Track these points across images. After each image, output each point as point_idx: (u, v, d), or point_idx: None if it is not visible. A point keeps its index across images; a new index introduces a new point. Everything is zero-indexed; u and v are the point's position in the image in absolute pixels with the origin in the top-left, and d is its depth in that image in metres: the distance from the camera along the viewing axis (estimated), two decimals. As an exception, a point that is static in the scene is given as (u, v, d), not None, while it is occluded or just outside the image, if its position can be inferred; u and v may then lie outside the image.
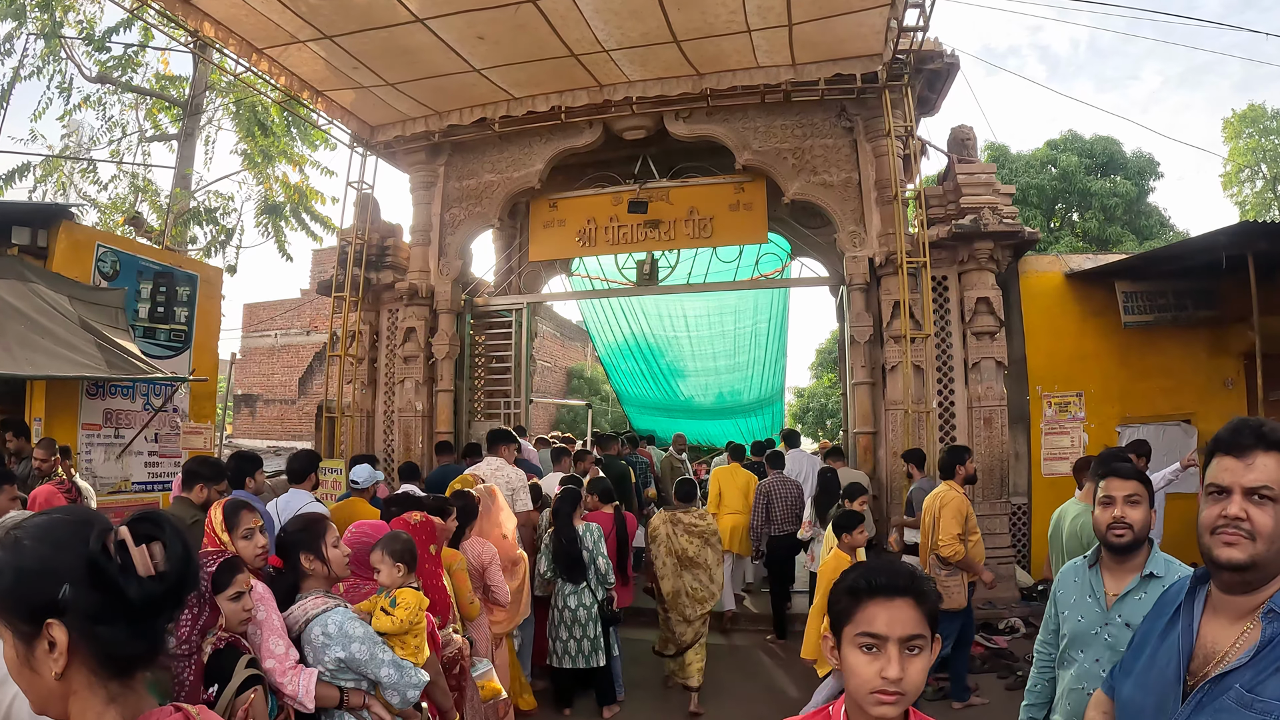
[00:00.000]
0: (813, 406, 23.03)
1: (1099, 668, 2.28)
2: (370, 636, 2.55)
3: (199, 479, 3.89)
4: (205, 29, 6.70)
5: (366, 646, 2.50)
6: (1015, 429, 7.70)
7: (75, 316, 6.27)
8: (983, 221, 7.22)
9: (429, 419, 8.84)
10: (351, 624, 2.50)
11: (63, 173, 11.81)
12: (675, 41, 6.99)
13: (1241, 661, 1.30)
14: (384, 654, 2.55)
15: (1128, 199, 16.35)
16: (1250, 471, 1.36)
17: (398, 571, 2.90)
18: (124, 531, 1.02)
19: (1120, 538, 2.31)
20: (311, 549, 2.62)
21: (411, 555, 2.96)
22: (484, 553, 4.39)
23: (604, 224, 8.97)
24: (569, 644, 5.15)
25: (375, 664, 2.51)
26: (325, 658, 2.45)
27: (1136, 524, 2.31)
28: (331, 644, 2.45)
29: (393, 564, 2.89)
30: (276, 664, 2.34)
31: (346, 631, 2.47)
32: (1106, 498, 2.37)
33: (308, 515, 2.85)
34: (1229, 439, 1.42)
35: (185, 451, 7.70)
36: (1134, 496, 2.34)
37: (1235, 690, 1.28)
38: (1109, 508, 2.35)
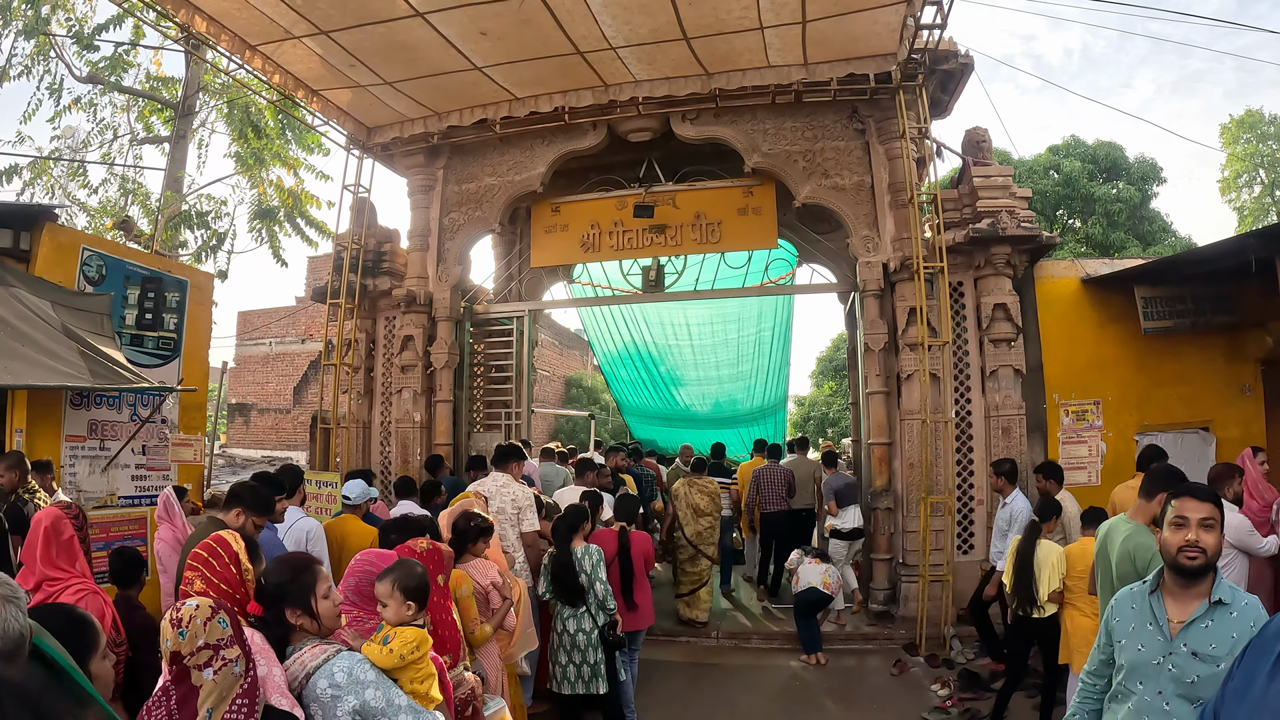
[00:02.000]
0: (814, 415, 22.80)
1: (1161, 700, 2.16)
2: (384, 681, 2.28)
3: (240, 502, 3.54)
4: (196, 24, 6.44)
5: (381, 692, 2.23)
6: (1032, 438, 7.49)
7: (58, 323, 5.98)
8: (1000, 225, 7.03)
9: (427, 430, 8.56)
10: (361, 668, 2.22)
11: (51, 175, 11.52)
12: (685, 39, 6.78)
13: None
14: (400, 699, 2.28)
15: (1131, 204, 16.23)
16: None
17: (407, 611, 2.60)
18: None
19: (1193, 560, 2.21)
20: (299, 603, 2.30)
21: (424, 593, 2.66)
22: (488, 574, 4.13)
23: (608, 229, 8.73)
24: (568, 669, 4.91)
25: (392, 710, 2.23)
26: (338, 711, 2.15)
27: (1210, 549, 2.22)
28: (343, 695, 2.17)
29: (403, 601, 2.59)
30: None
31: (357, 678, 2.20)
32: (1180, 519, 2.27)
33: (295, 560, 2.45)
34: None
35: (174, 464, 7.40)
36: (1209, 520, 2.25)
37: None
38: (1182, 529, 2.25)
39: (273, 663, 2.16)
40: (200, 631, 1.93)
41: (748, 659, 6.91)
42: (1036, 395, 7.64)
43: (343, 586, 2.71)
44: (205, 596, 2.22)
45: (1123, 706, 2.27)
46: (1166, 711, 2.14)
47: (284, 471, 4.82)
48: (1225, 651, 2.08)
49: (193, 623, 1.93)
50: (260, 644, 2.18)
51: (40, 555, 3.15)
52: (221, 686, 1.90)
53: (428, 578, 2.72)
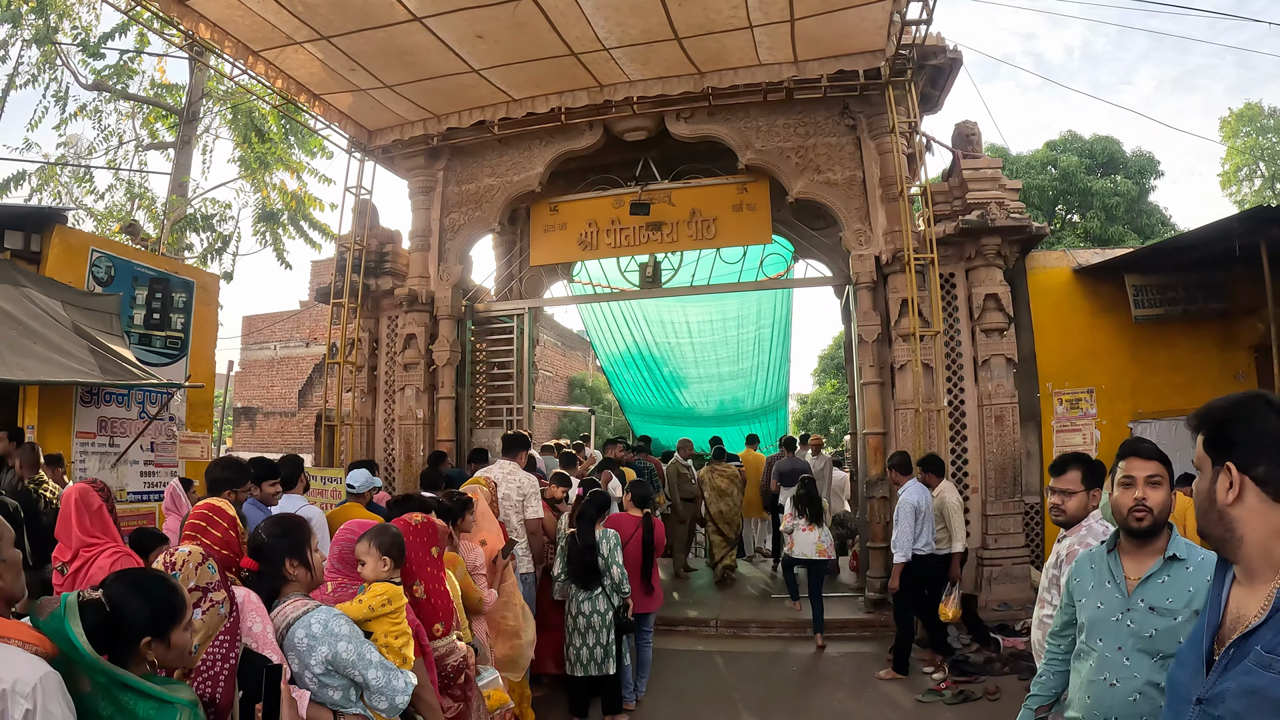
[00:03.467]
0: (816, 413, 22.88)
1: (1121, 656, 2.20)
2: (357, 635, 2.43)
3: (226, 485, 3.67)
4: (200, 30, 6.62)
5: (354, 645, 2.38)
6: (1026, 428, 7.58)
7: (68, 322, 6.15)
8: (990, 216, 7.13)
9: (430, 427, 8.70)
10: (336, 622, 2.37)
11: (58, 181, 11.73)
12: (676, 39, 6.91)
13: (1259, 623, 1.27)
14: (372, 654, 2.42)
15: (1129, 198, 16.28)
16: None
17: (383, 566, 2.75)
18: None
19: (1141, 522, 2.24)
20: (297, 554, 2.49)
21: (400, 551, 2.81)
22: (471, 557, 4.24)
23: (605, 227, 8.87)
24: (582, 651, 5.04)
25: (363, 664, 2.38)
26: (311, 660, 2.32)
27: (1157, 506, 2.24)
28: (317, 644, 2.32)
29: (379, 557, 2.74)
30: None
31: (332, 630, 2.35)
32: (1127, 478, 2.28)
33: (286, 518, 2.65)
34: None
35: (182, 461, 7.56)
36: (1155, 477, 2.26)
37: (1255, 652, 1.25)
38: (1129, 489, 2.27)
39: (266, 621, 2.30)
40: (191, 575, 2.12)
41: (746, 645, 7.00)
42: (1030, 385, 7.73)
43: (329, 555, 2.86)
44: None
45: (1085, 664, 2.31)
46: (1127, 666, 2.18)
47: (284, 461, 4.96)
48: (1182, 605, 2.12)
49: (185, 567, 2.13)
50: (256, 602, 2.32)
51: (76, 524, 3.32)
52: (209, 625, 2.07)
53: (404, 539, 2.87)
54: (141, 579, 1.89)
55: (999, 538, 7.17)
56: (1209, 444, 1.44)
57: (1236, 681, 1.24)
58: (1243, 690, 1.23)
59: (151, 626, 1.77)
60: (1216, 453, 1.42)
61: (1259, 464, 1.35)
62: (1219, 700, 1.27)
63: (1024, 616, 6.81)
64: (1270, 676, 1.19)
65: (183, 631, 1.85)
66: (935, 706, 5.41)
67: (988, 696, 5.54)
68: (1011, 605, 6.95)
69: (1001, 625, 6.75)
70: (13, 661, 1.54)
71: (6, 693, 1.49)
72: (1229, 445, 1.40)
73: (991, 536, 7.19)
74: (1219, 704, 1.27)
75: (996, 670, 5.98)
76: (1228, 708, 1.25)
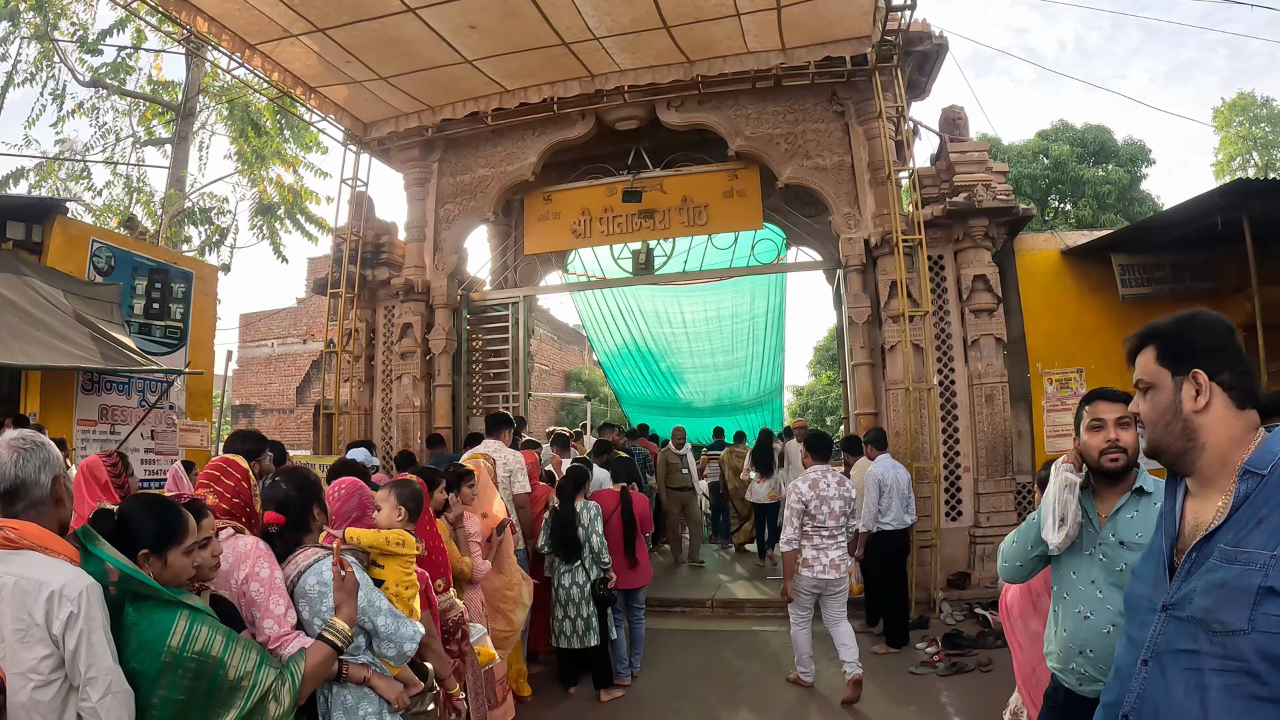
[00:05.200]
0: (812, 404, 22.99)
1: (1094, 589, 2.26)
2: (367, 583, 2.47)
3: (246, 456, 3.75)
4: (198, 24, 6.72)
5: (364, 592, 2.42)
6: (1017, 407, 7.68)
7: (70, 310, 6.25)
8: (976, 198, 7.23)
9: (427, 414, 8.80)
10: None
11: (57, 178, 11.83)
12: (665, 27, 7.01)
13: (1220, 523, 1.34)
14: (381, 601, 2.46)
15: (1120, 186, 16.38)
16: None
17: (398, 515, 2.84)
18: None
19: (1115, 462, 2.27)
20: (319, 502, 2.58)
21: (417, 505, 2.90)
22: (469, 526, 4.33)
23: (598, 215, 8.98)
24: (564, 623, 5.15)
25: (372, 610, 2.41)
26: (322, 607, 2.35)
27: (1130, 446, 2.27)
28: (329, 591, 2.35)
29: (395, 505, 2.83)
30: (275, 624, 2.25)
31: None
32: (1097, 421, 2.31)
33: (297, 471, 2.68)
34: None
35: (181, 449, 7.65)
36: (1124, 419, 2.28)
37: (1219, 549, 1.31)
38: (1099, 431, 2.29)
39: (275, 567, 2.37)
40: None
41: (741, 625, 7.11)
42: (1020, 365, 7.83)
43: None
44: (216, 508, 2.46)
45: (1060, 598, 2.38)
46: (1100, 599, 2.24)
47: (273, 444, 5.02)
48: (1150, 538, 2.23)
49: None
50: (264, 549, 2.39)
51: (87, 494, 3.43)
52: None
53: (423, 495, 2.95)
54: (153, 500, 2.06)
55: (991, 516, 7.27)
56: (1165, 357, 1.48)
57: (1204, 579, 1.30)
58: (1211, 586, 1.28)
59: (152, 541, 1.92)
60: (1176, 364, 1.46)
61: (1223, 371, 1.41)
62: (1185, 602, 1.33)
63: (1016, 592, 6.92)
64: (1237, 569, 1.25)
65: (181, 555, 1.97)
66: (928, 678, 5.49)
67: (980, 668, 5.62)
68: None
69: (995, 602, 6.83)
70: (61, 570, 1.74)
71: (55, 594, 1.69)
72: (1191, 354, 1.44)
73: (984, 514, 7.29)
74: (1186, 605, 1.32)
75: (989, 644, 6.05)
76: (1197, 605, 1.30)
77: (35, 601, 1.69)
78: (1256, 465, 1.35)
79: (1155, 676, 1.36)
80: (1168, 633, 1.36)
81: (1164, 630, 1.37)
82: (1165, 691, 1.33)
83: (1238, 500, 1.33)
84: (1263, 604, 1.21)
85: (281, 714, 1.94)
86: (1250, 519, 1.30)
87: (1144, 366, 1.51)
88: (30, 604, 1.69)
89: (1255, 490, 1.33)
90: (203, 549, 2.09)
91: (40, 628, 1.69)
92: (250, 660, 1.92)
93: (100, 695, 1.70)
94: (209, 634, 1.88)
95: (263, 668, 1.94)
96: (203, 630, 1.87)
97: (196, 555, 2.05)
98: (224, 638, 1.90)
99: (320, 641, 2.18)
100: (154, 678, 1.81)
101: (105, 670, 1.72)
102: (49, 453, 1.87)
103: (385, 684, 2.44)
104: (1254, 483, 1.34)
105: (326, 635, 2.20)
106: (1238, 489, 1.35)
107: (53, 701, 1.70)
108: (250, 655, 1.93)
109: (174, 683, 1.82)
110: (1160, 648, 1.37)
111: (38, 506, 1.83)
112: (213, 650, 1.86)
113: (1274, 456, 1.34)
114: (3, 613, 1.70)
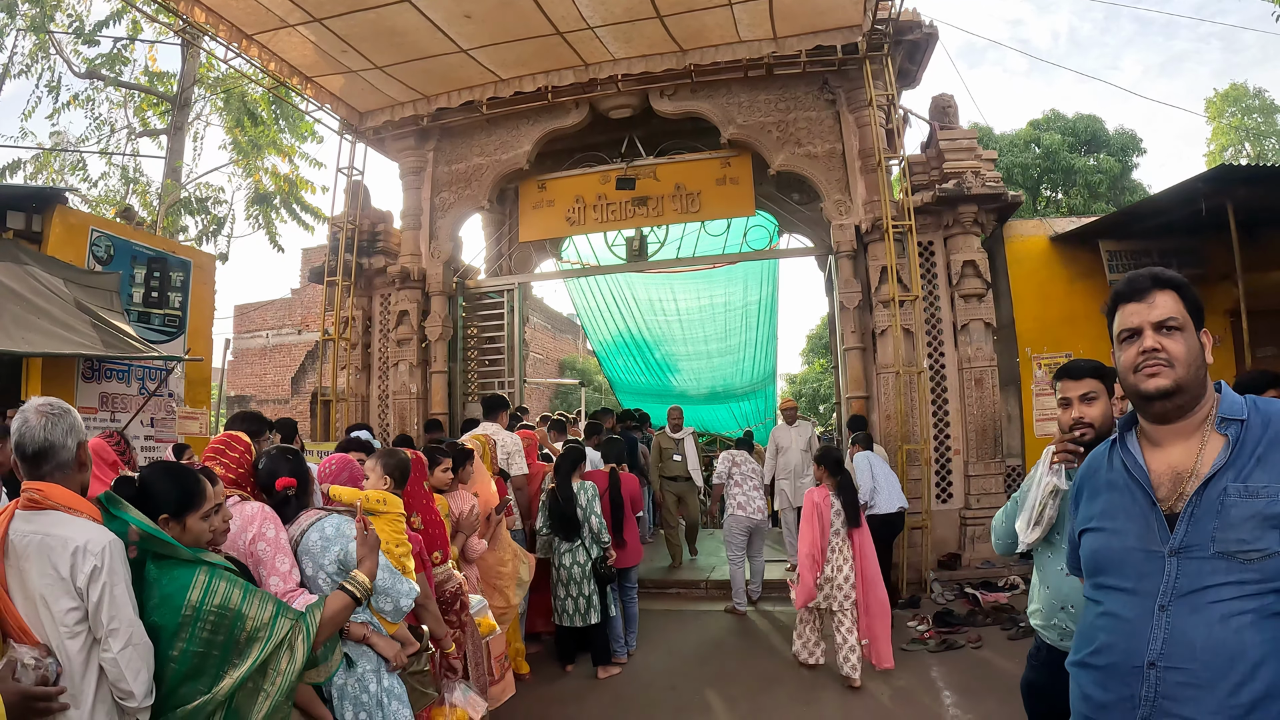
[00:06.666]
0: (805, 392, 23.12)
1: None
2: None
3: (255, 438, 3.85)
4: (196, 15, 6.77)
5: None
6: (1006, 391, 7.80)
7: (71, 299, 6.30)
8: (966, 185, 7.33)
9: (424, 400, 8.90)
10: (346, 525, 2.54)
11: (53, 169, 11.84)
12: (658, 16, 7.08)
13: (1220, 466, 1.44)
14: (380, 558, 2.57)
15: (1112, 175, 16.48)
16: (1154, 310, 1.54)
17: (383, 484, 2.95)
18: None
19: (1084, 437, 2.34)
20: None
21: (402, 473, 3.01)
22: (462, 506, 4.42)
23: (592, 202, 9.07)
24: (566, 602, 5.23)
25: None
26: (325, 560, 2.48)
27: (1096, 420, 2.34)
28: (330, 544, 2.49)
29: (381, 475, 2.94)
30: (280, 581, 2.36)
31: (344, 531, 2.53)
32: (1064, 400, 2.41)
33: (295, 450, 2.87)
34: (1127, 288, 1.60)
35: (180, 436, 7.72)
36: (1090, 394, 2.37)
37: (1232, 487, 1.41)
38: (1067, 409, 2.39)
39: (279, 528, 2.49)
40: None
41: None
42: (1010, 350, 7.95)
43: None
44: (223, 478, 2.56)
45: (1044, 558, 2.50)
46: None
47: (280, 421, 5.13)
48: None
49: None
50: (270, 513, 2.51)
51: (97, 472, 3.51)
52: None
53: (409, 464, 3.06)
54: (173, 467, 2.18)
55: (980, 498, 7.41)
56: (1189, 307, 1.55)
57: (1229, 516, 1.39)
58: (1241, 519, 1.38)
59: (171, 506, 2.04)
60: (1196, 318, 1.55)
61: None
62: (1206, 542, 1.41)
63: (1005, 574, 7.06)
64: (1263, 501, 1.37)
65: (199, 520, 2.08)
66: (919, 654, 5.60)
67: (970, 645, 5.74)
68: (994, 563, 7.18)
69: (985, 582, 6.99)
70: (86, 527, 1.84)
71: (79, 549, 1.79)
72: (1200, 313, 1.56)
73: (974, 496, 7.42)
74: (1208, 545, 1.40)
75: (979, 622, 6.19)
76: (1227, 539, 1.38)
77: (61, 556, 1.77)
78: (1233, 413, 1.48)
79: (1182, 617, 1.41)
80: (1188, 573, 1.43)
81: (1181, 573, 1.43)
82: (1198, 629, 1.39)
83: (1232, 442, 1.45)
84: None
85: (294, 664, 2.03)
86: (1249, 458, 1.42)
87: (1174, 308, 1.54)
88: (56, 559, 1.78)
89: (1241, 434, 1.45)
90: (214, 514, 2.19)
91: (66, 581, 1.77)
92: (267, 611, 2.02)
93: (121, 646, 1.79)
94: (227, 587, 1.98)
95: (279, 618, 2.03)
96: (221, 584, 1.98)
97: (212, 520, 2.15)
98: (241, 590, 2.00)
99: (340, 591, 2.29)
100: (174, 631, 1.91)
101: (127, 623, 1.81)
102: (74, 419, 1.96)
103: (383, 642, 2.57)
104: (1238, 428, 1.46)
105: (347, 586, 2.30)
106: (1229, 434, 1.46)
107: (80, 654, 1.79)
108: (267, 607, 2.03)
109: (194, 635, 1.92)
110: (1180, 589, 1.43)
111: (63, 469, 1.91)
112: (231, 603, 1.96)
113: (1243, 402, 1.48)
114: (29, 569, 1.79)
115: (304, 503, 2.69)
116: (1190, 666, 1.38)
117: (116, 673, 1.79)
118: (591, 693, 5.09)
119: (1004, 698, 4.52)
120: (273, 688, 2.00)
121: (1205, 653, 1.37)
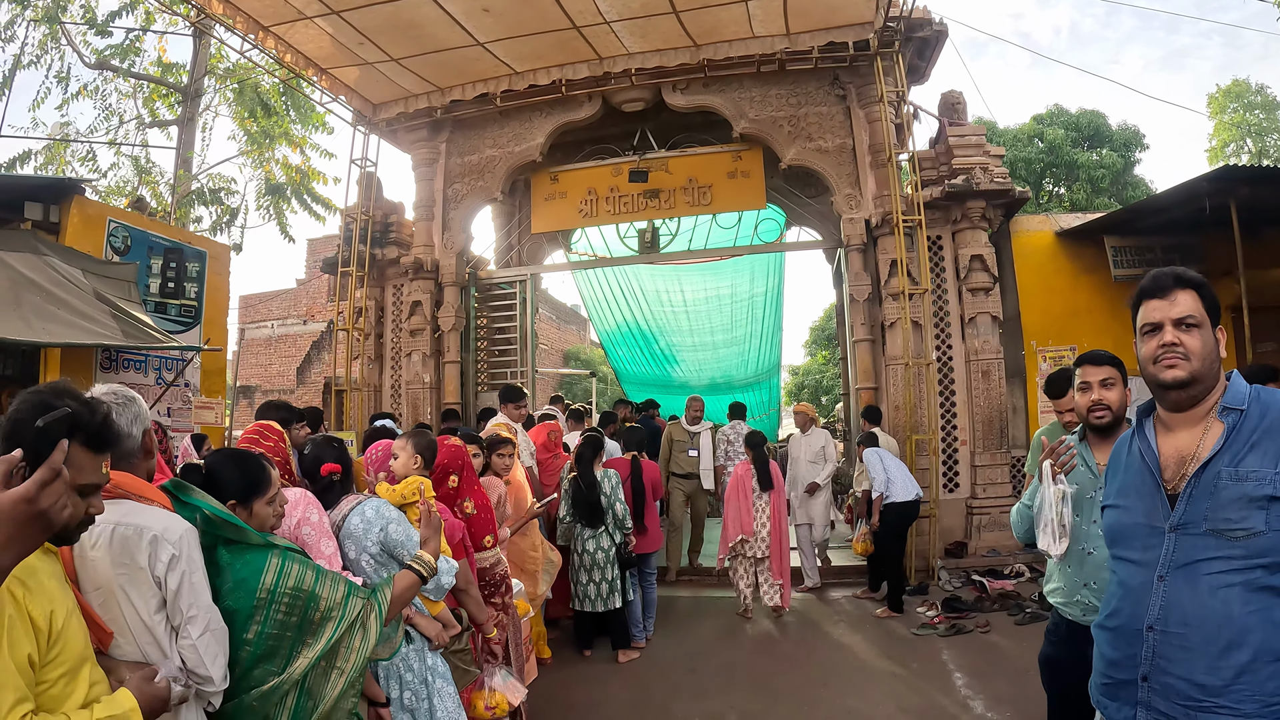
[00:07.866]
0: (808, 383, 23.28)
1: (1096, 528, 2.46)
2: (404, 519, 2.68)
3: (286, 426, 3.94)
4: (213, 6, 6.82)
5: (402, 527, 2.63)
6: (1012, 383, 7.92)
7: (89, 289, 6.34)
8: (974, 181, 7.43)
9: (436, 390, 8.99)
10: (386, 508, 2.64)
11: (63, 159, 11.85)
12: (674, 12, 7.15)
13: (1216, 450, 1.59)
14: (417, 535, 2.65)
15: (1114, 171, 16.58)
16: (1174, 307, 1.69)
17: (414, 463, 3.01)
18: None
19: (1101, 419, 2.53)
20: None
21: (431, 454, 3.09)
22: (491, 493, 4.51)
23: (604, 195, 9.15)
24: (588, 587, 5.33)
25: (410, 544, 2.60)
26: (367, 542, 2.57)
27: (1114, 404, 2.53)
28: (371, 527, 2.58)
29: (411, 454, 3.01)
30: (325, 564, 2.43)
31: (384, 514, 2.62)
32: (1084, 384, 2.57)
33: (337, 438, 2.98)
34: (1151, 285, 1.73)
35: (196, 426, 7.80)
36: (1108, 379, 2.54)
37: (1225, 470, 1.56)
38: (1087, 393, 2.55)
39: (322, 513, 2.59)
40: None
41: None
42: (1015, 343, 8.07)
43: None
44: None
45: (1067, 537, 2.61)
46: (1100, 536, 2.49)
47: (308, 410, 5.23)
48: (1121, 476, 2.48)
49: None
50: (312, 498, 2.61)
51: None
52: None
53: (437, 444, 3.18)
54: (237, 454, 2.22)
55: (987, 487, 7.53)
56: (1206, 305, 1.69)
57: (1220, 496, 1.55)
58: (1231, 500, 1.52)
59: (239, 492, 2.09)
60: (1213, 316, 1.70)
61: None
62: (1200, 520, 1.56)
63: (1011, 562, 7.20)
64: (1251, 484, 1.51)
65: (265, 504, 2.15)
66: (930, 639, 5.73)
67: (979, 630, 5.87)
68: (1000, 551, 7.32)
69: (991, 570, 7.13)
70: (161, 516, 1.84)
71: (157, 538, 1.78)
72: (1216, 312, 1.70)
73: (980, 486, 7.55)
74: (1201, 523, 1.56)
75: (986, 608, 6.32)
76: (1218, 518, 1.53)
77: (138, 546, 1.75)
78: (1235, 402, 1.63)
79: (1177, 587, 1.58)
80: (1184, 548, 1.59)
81: (1178, 547, 1.60)
82: (1190, 598, 1.55)
83: (1229, 430, 1.59)
84: (1274, 508, 1.48)
85: (367, 643, 2.10)
86: (1243, 444, 1.57)
87: (1193, 306, 1.68)
88: (133, 548, 1.76)
89: (1239, 422, 1.60)
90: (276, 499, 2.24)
91: (144, 570, 1.76)
92: (339, 592, 2.08)
93: (200, 633, 1.80)
94: (300, 570, 2.04)
95: (350, 598, 2.10)
96: (294, 567, 2.03)
97: (275, 505, 2.22)
98: (314, 572, 2.06)
99: (408, 571, 2.38)
100: (249, 614, 1.94)
101: (204, 609, 1.82)
102: (140, 407, 1.96)
103: (426, 622, 2.68)
104: (1236, 416, 1.61)
105: (414, 565, 2.39)
106: (1227, 421, 1.61)
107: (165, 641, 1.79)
108: (339, 587, 2.09)
109: (268, 618, 1.96)
110: (1177, 562, 1.60)
111: (130, 458, 1.90)
112: (305, 584, 2.02)
113: (1246, 393, 1.63)
114: (98, 559, 1.76)
115: (346, 488, 2.79)
116: (1183, 631, 1.55)
117: (195, 659, 1.79)
118: (613, 676, 5.21)
119: (1013, 679, 4.66)
120: (346, 665, 2.05)
121: (1196, 620, 1.54)
